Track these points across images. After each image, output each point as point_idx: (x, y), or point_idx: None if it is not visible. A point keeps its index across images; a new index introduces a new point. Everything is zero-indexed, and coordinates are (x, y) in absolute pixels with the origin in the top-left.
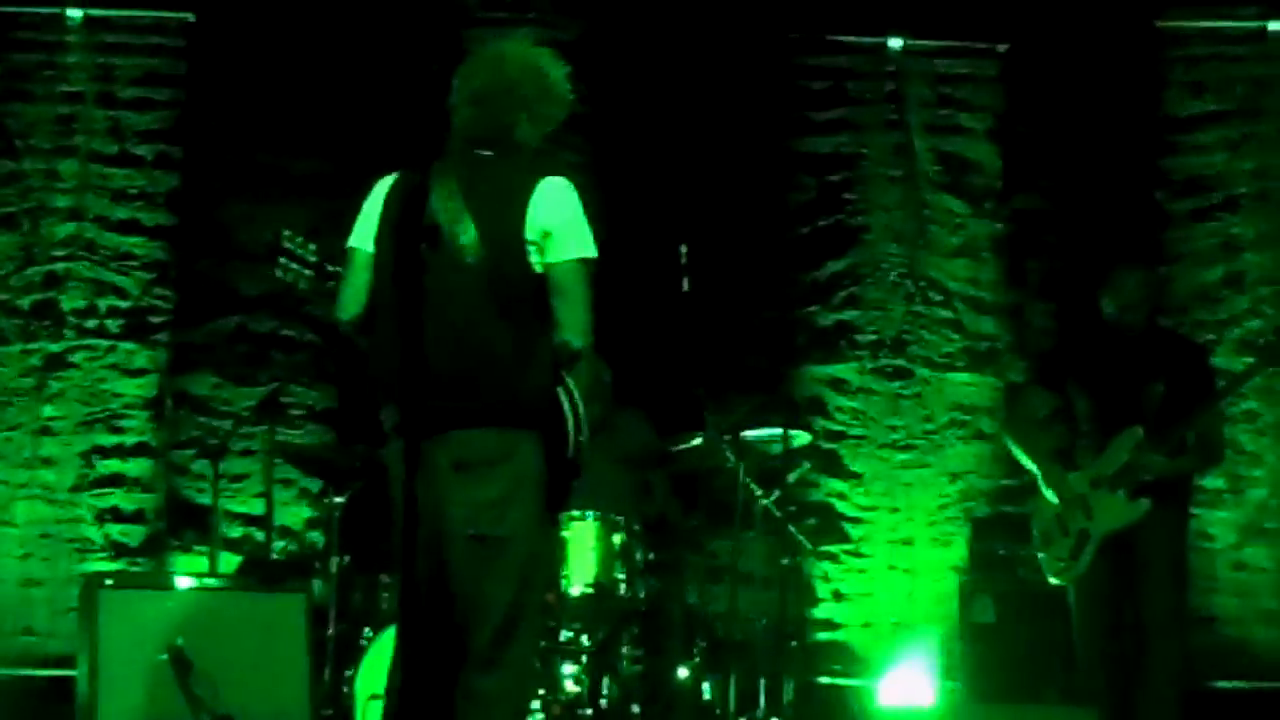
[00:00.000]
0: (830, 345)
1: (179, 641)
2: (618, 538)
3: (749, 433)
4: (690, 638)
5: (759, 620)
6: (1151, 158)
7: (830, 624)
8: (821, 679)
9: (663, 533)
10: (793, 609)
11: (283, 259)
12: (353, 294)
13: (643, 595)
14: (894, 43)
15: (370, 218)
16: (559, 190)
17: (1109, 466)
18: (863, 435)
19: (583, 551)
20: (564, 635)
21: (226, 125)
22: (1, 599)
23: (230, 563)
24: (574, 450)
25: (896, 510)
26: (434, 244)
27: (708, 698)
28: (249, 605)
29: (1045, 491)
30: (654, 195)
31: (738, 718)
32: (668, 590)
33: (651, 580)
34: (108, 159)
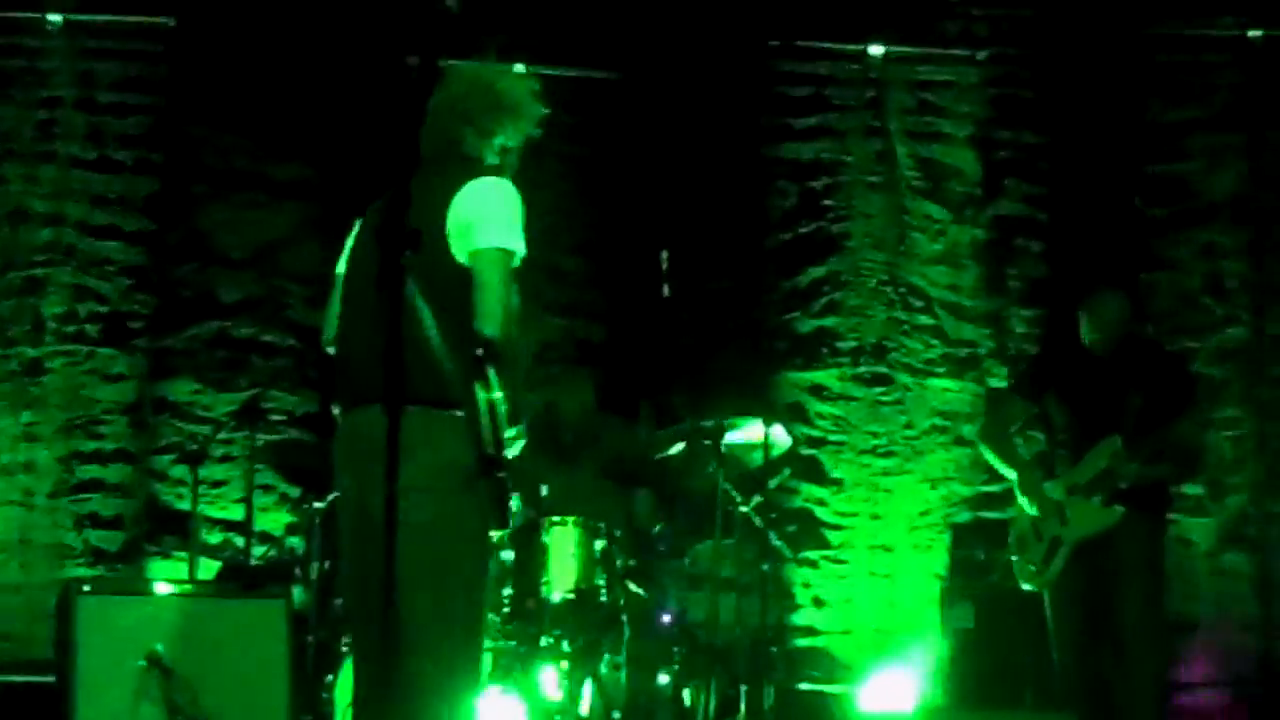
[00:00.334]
0: (811, 351)
1: (158, 648)
2: (599, 543)
3: (729, 436)
4: (671, 644)
5: (739, 626)
6: (1134, 164)
7: (810, 630)
8: (802, 685)
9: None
10: (773, 615)
11: None
12: (332, 316)
13: (623, 601)
14: (875, 49)
15: (347, 243)
16: (485, 186)
17: (1086, 474)
18: (843, 441)
19: (563, 557)
20: (544, 641)
21: (206, 130)
22: None
23: (210, 569)
24: (491, 444)
25: (877, 516)
26: (416, 248)
27: (688, 704)
28: (228, 611)
29: (1021, 498)
30: (635, 202)
31: None
32: (649, 596)
33: (632, 586)
34: (87, 164)
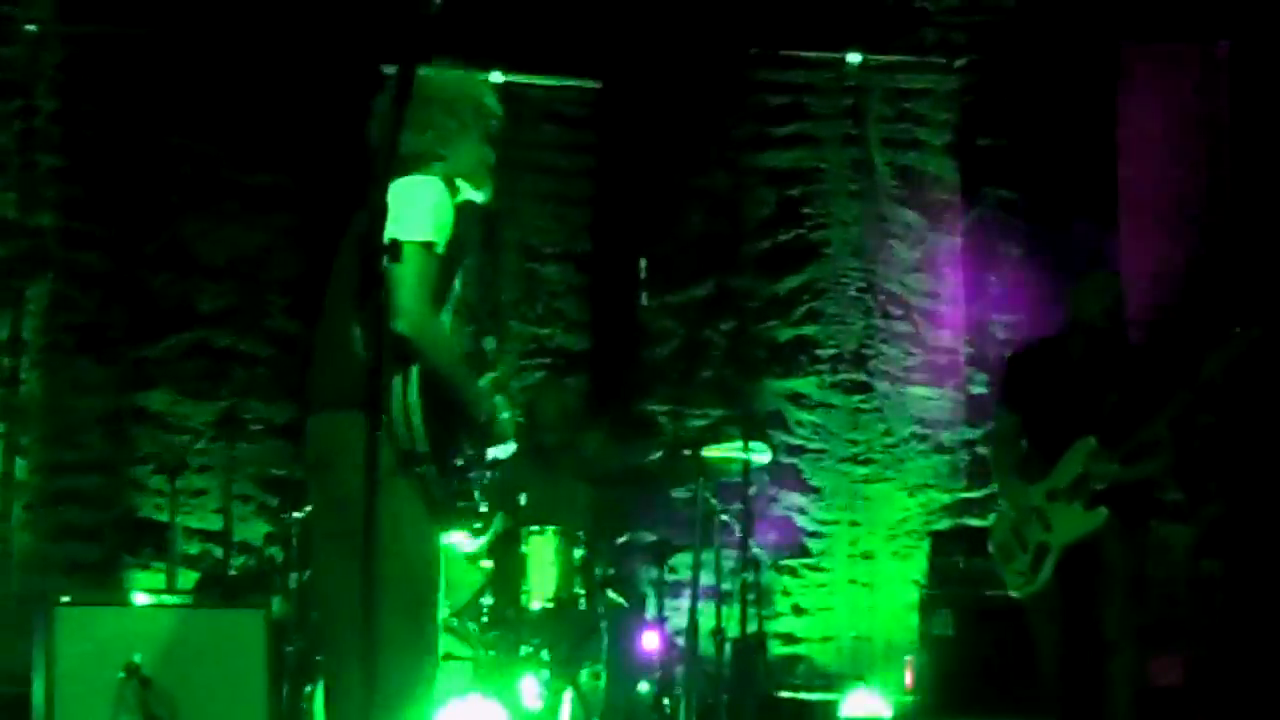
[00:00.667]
0: (790, 359)
1: (136, 658)
2: (578, 552)
3: (708, 450)
4: (651, 651)
5: (720, 634)
6: (1110, 170)
7: (791, 638)
8: (783, 693)
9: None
10: (753, 623)
11: None
12: None
13: (603, 610)
14: (853, 57)
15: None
16: (404, 183)
17: (1064, 478)
18: (823, 449)
19: (543, 566)
20: (524, 650)
21: (184, 140)
22: None
23: (188, 579)
24: (406, 440)
25: (856, 524)
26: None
27: (669, 712)
28: (207, 622)
29: (1003, 505)
30: (613, 210)
31: None
32: (628, 604)
33: (612, 595)
34: (65, 174)
